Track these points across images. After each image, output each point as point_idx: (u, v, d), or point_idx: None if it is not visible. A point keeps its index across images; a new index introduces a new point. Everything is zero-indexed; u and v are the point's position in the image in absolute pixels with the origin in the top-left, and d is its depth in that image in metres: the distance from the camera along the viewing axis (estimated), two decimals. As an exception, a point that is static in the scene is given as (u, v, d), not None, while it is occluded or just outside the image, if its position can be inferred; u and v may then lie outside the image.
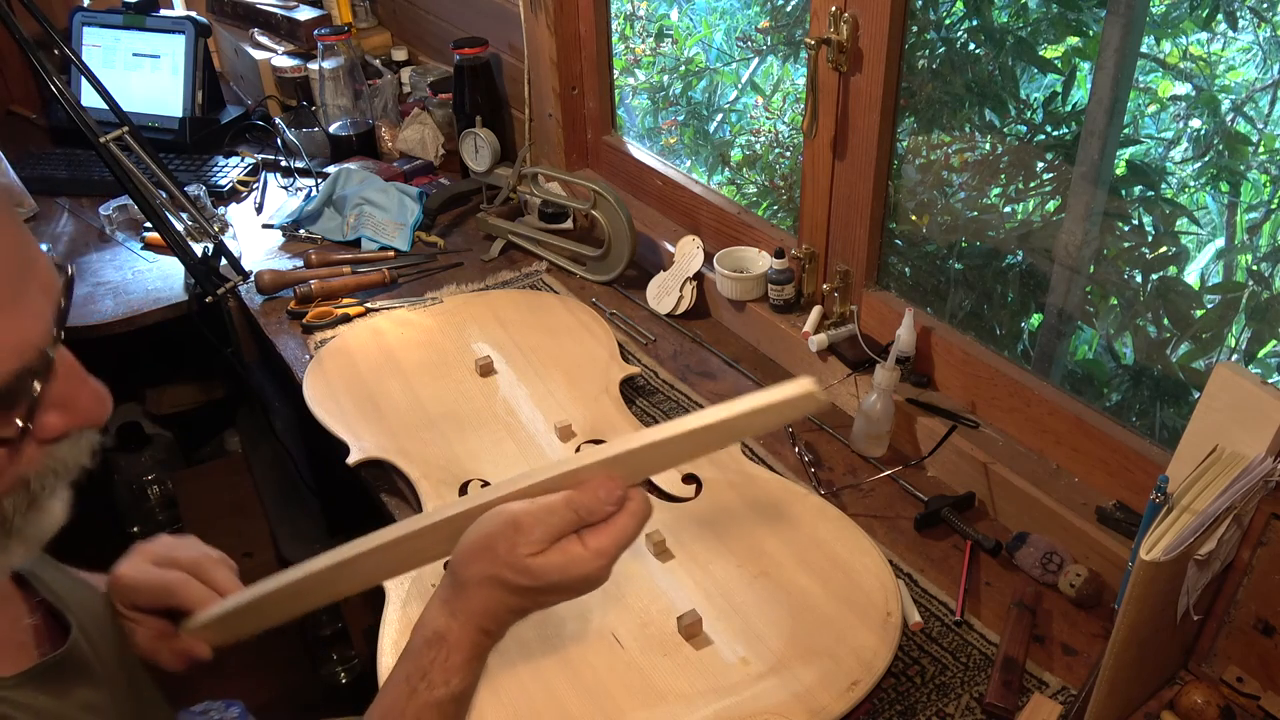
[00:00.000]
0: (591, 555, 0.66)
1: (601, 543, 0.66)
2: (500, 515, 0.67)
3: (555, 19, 1.67)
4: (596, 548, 0.66)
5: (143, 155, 1.50)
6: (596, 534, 0.67)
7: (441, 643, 0.68)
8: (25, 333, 0.57)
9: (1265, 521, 0.85)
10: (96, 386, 0.63)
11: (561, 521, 0.66)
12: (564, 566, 0.66)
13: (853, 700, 0.90)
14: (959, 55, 1.40)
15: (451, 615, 0.68)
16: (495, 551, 0.66)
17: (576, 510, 0.66)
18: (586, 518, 0.66)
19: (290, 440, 1.86)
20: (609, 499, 0.66)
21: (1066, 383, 1.31)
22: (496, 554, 0.66)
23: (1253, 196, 1.29)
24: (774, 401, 0.65)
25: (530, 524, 0.66)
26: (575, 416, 1.27)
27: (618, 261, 1.58)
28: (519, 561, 0.65)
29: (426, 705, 0.68)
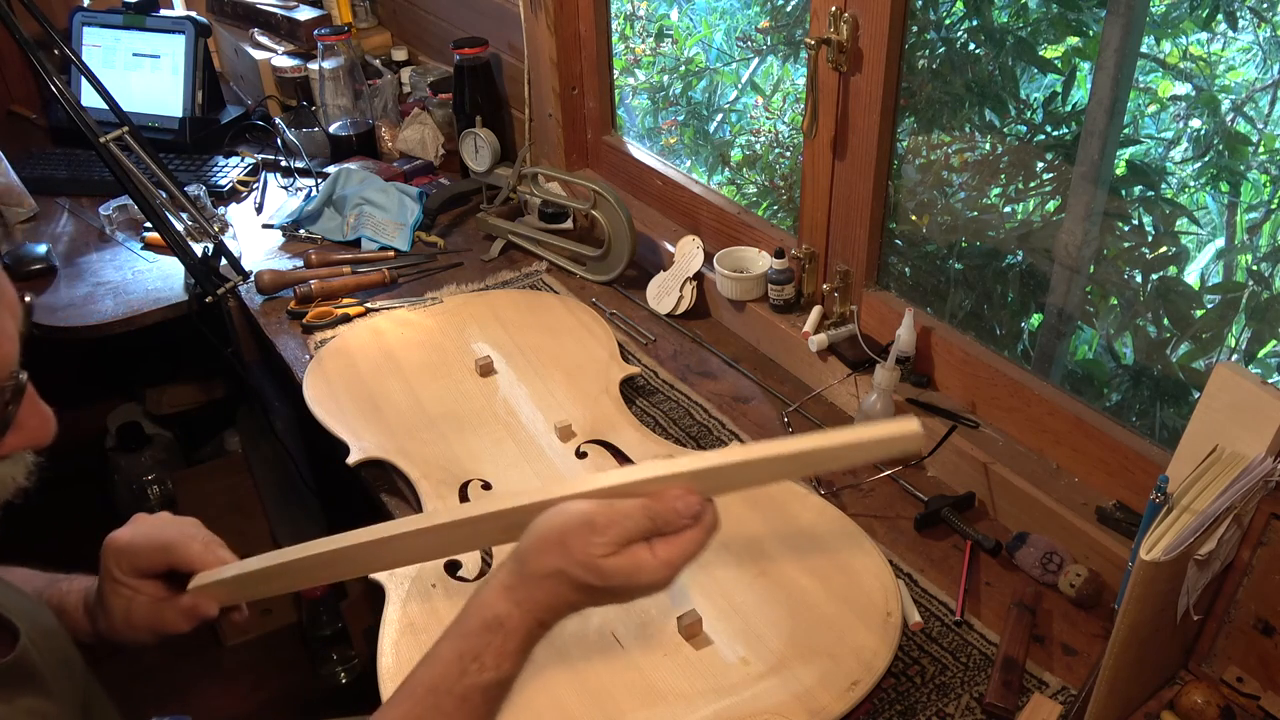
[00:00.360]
0: (659, 565, 0.67)
1: (671, 553, 0.68)
2: (575, 512, 0.68)
3: (555, 19, 1.67)
4: (665, 558, 0.67)
5: (143, 155, 1.50)
6: (667, 544, 0.68)
7: (500, 628, 0.69)
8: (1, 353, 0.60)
9: (1265, 521, 0.85)
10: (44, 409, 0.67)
11: (636, 527, 0.67)
12: (631, 572, 0.67)
13: (853, 700, 0.90)
14: (959, 55, 1.40)
15: (515, 603, 0.69)
16: (568, 546, 0.67)
17: (653, 519, 0.67)
18: (661, 527, 0.68)
19: (290, 440, 1.87)
20: (686, 512, 0.67)
21: (1066, 383, 1.31)
22: (569, 549, 0.67)
23: (1253, 196, 1.29)
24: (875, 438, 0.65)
25: (605, 524, 0.67)
26: (575, 416, 1.27)
27: (618, 261, 1.58)
28: (590, 560, 0.67)
29: (475, 687, 0.69)
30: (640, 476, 0.68)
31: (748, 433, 1.29)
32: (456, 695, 0.69)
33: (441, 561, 1.06)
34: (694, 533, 0.68)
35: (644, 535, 0.68)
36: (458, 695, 0.69)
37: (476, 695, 0.69)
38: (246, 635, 2.11)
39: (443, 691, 0.69)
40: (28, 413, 0.64)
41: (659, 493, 0.68)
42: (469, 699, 0.69)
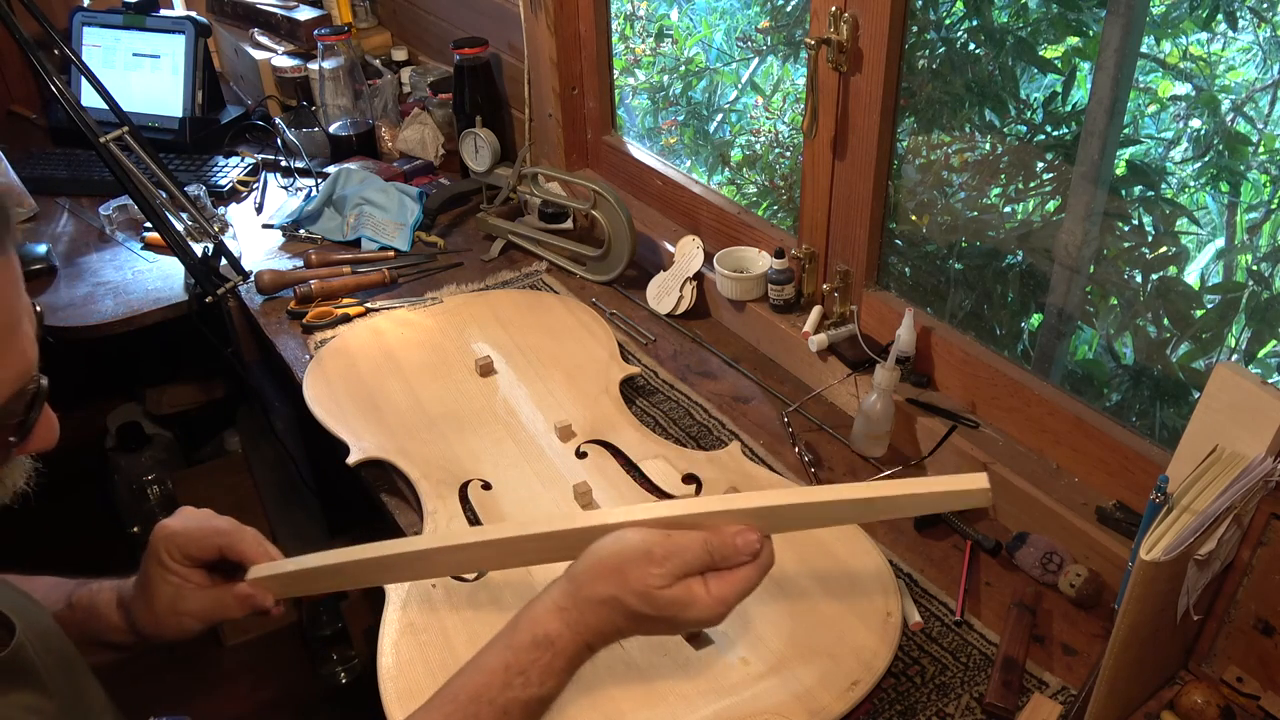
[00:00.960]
0: (713, 602, 0.68)
1: (724, 590, 0.69)
2: (635, 541, 0.69)
3: (555, 19, 1.67)
4: (719, 595, 0.68)
5: (143, 155, 1.50)
6: (720, 580, 0.69)
7: (550, 646, 0.70)
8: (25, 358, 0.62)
9: (1265, 521, 0.85)
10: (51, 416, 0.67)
11: (695, 560, 0.68)
12: (685, 604, 0.68)
13: (853, 700, 0.90)
14: (959, 55, 1.40)
15: (566, 624, 0.71)
16: (625, 575, 0.68)
17: (711, 553, 0.68)
18: (719, 563, 0.68)
19: (290, 440, 1.87)
20: (745, 550, 0.68)
21: (1066, 383, 1.31)
22: (626, 578, 0.68)
23: (1253, 196, 1.29)
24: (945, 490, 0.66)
25: (663, 556, 0.68)
26: (575, 416, 1.27)
27: (618, 261, 1.58)
28: (646, 590, 0.68)
29: (516, 701, 0.70)
30: (702, 510, 0.69)
31: (748, 433, 1.29)
32: (498, 707, 0.70)
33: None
34: (749, 570, 0.69)
35: (701, 569, 0.68)
36: (499, 707, 0.70)
37: (517, 709, 0.70)
38: (247, 635, 2.11)
39: (484, 701, 0.70)
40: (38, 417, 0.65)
41: (718, 528, 0.69)
42: (509, 712, 0.70)
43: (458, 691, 0.72)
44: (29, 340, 0.63)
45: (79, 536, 2.37)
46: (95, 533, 2.36)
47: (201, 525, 0.89)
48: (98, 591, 0.93)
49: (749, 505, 0.69)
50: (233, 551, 0.89)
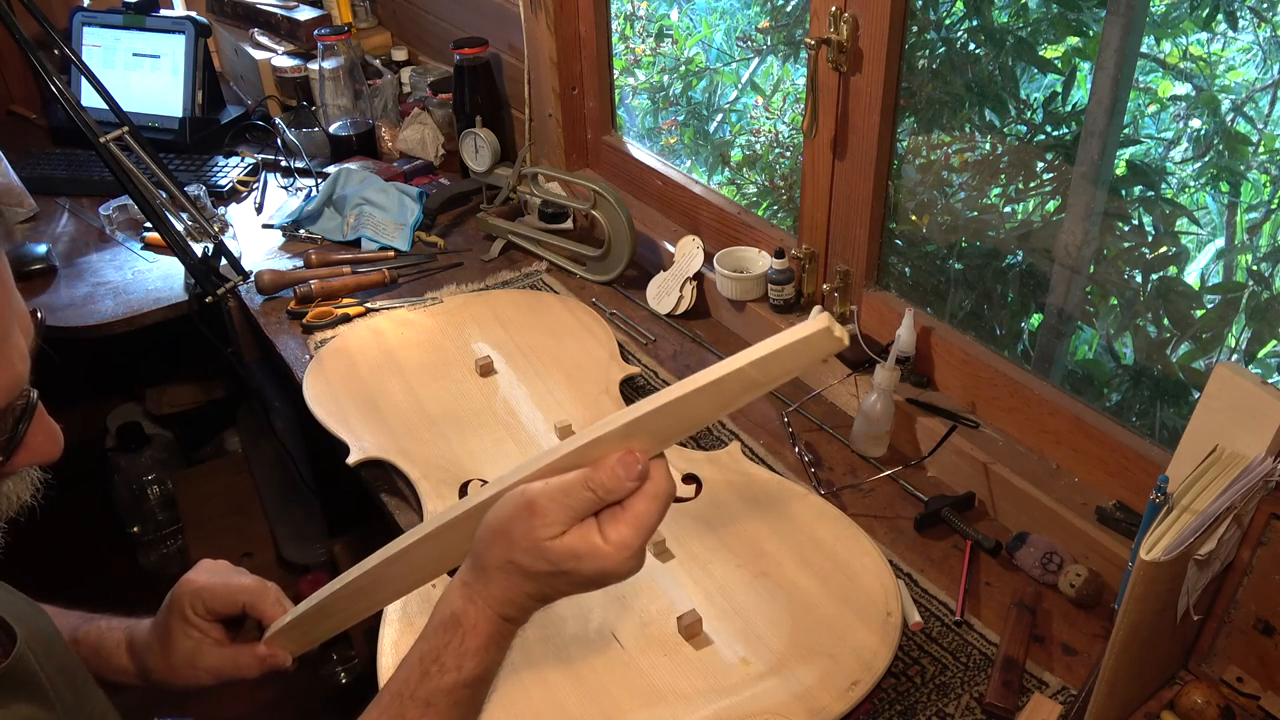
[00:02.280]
0: (615, 549, 0.62)
1: (622, 534, 0.63)
2: (517, 498, 0.64)
3: (555, 19, 1.67)
4: (618, 540, 0.62)
5: (143, 155, 1.50)
6: (615, 522, 0.63)
7: (457, 626, 0.66)
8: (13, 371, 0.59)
9: (1265, 521, 0.85)
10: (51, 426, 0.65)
11: (579, 502, 0.63)
12: (582, 555, 0.63)
13: (853, 700, 0.90)
14: (959, 55, 1.40)
15: (469, 599, 0.67)
16: (511, 535, 0.64)
17: (594, 489, 0.62)
18: (606, 497, 0.63)
19: (290, 440, 1.87)
20: (628, 475, 0.62)
21: (1066, 383, 1.31)
22: (513, 538, 0.64)
23: (1253, 196, 1.29)
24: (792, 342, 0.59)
25: (546, 505, 0.63)
26: (575, 416, 1.27)
27: (618, 261, 1.58)
28: (536, 545, 0.63)
29: (438, 690, 0.66)
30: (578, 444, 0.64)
31: (748, 433, 1.29)
32: (420, 700, 0.66)
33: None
34: (640, 503, 0.63)
35: (590, 509, 0.63)
36: (421, 700, 0.66)
37: (441, 699, 0.66)
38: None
39: (406, 697, 0.67)
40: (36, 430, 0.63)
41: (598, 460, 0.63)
42: (433, 703, 0.66)
43: (383, 692, 0.69)
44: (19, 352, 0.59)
45: (79, 536, 2.37)
46: (95, 533, 2.36)
47: (227, 582, 0.88)
48: (106, 630, 0.91)
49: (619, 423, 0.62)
50: (255, 610, 0.87)
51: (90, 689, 0.80)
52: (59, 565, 2.31)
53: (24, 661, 0.70)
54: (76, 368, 2.35)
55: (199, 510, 2.18)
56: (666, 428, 0.64)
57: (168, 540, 2.33)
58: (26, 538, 1.06)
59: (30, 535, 0.71)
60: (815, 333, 0.58)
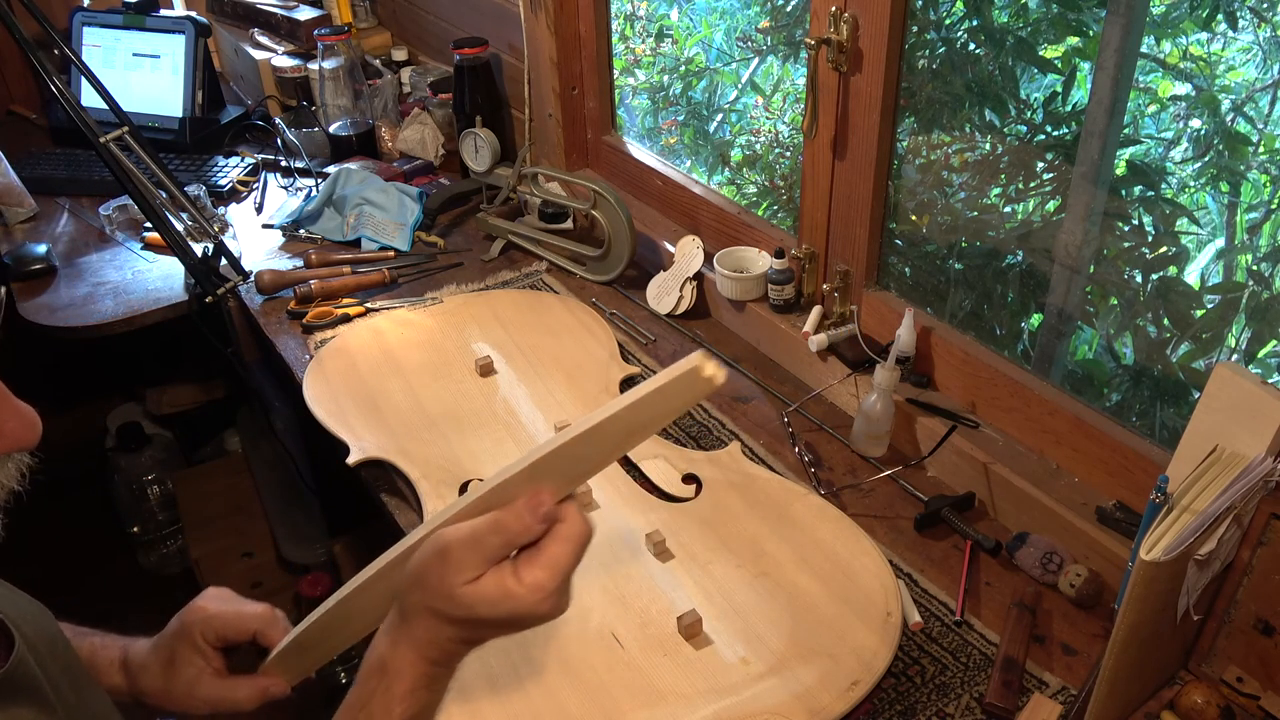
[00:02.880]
0: (527, 591, 0.61)
1: (536, 576, 0.61)
2: (432, 544, 0.64)
3: (555, 19, 1.67)
4: (531, 583, 0.61)
5: (143, 155, 1.50)
6: (530, 567, 0.62)
7: (383, 672, 0.65)
8: None
9: (1265, 521, 0.85)
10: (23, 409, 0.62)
11: (489, 547, 0.62)
12: (496, 600, 0.62)
13: (853, 700, 0.90)
14: (959, 55, 1.40)
15: (393, 644, 0.66)
16: (427, 582, 0.63)
17: (502, 533, 0.62)
18: (515, 540, 0.62)
19: (290, 440, 1.87)
20: (534, 518, 0.61)
21: (1066, 383, 1.31)
22: (428, 584, 0.63)
23: (1253, 196, 1.29)
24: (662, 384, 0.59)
25: (458, 552, 0.62)
26: (575, 416, 1.27)
27: (618, 261, 1.58)
28: (450, 592, 0.62)
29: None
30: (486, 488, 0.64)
31: (748, 433, 1.29)
32: None
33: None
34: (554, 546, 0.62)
35: (501, 553, 0.62)
36: None
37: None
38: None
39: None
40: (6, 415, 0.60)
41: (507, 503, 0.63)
42: None
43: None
44: None
45: (79, 536, 2.37)
46: (95, 533, 2.36)
47: (239, 610, 0.87)
48: (101, 648, 0.89)
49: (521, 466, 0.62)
50: (265, 637, 0.86)
51: (93, 689, 0.80)
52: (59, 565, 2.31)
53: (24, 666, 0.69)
54: (76, 368, 2.36)
55: (199, 510, 2.18)
56: (567, 470, 0.64)
57: (168, 540, 2.33)
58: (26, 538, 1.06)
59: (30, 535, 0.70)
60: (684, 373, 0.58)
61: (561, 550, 0.62)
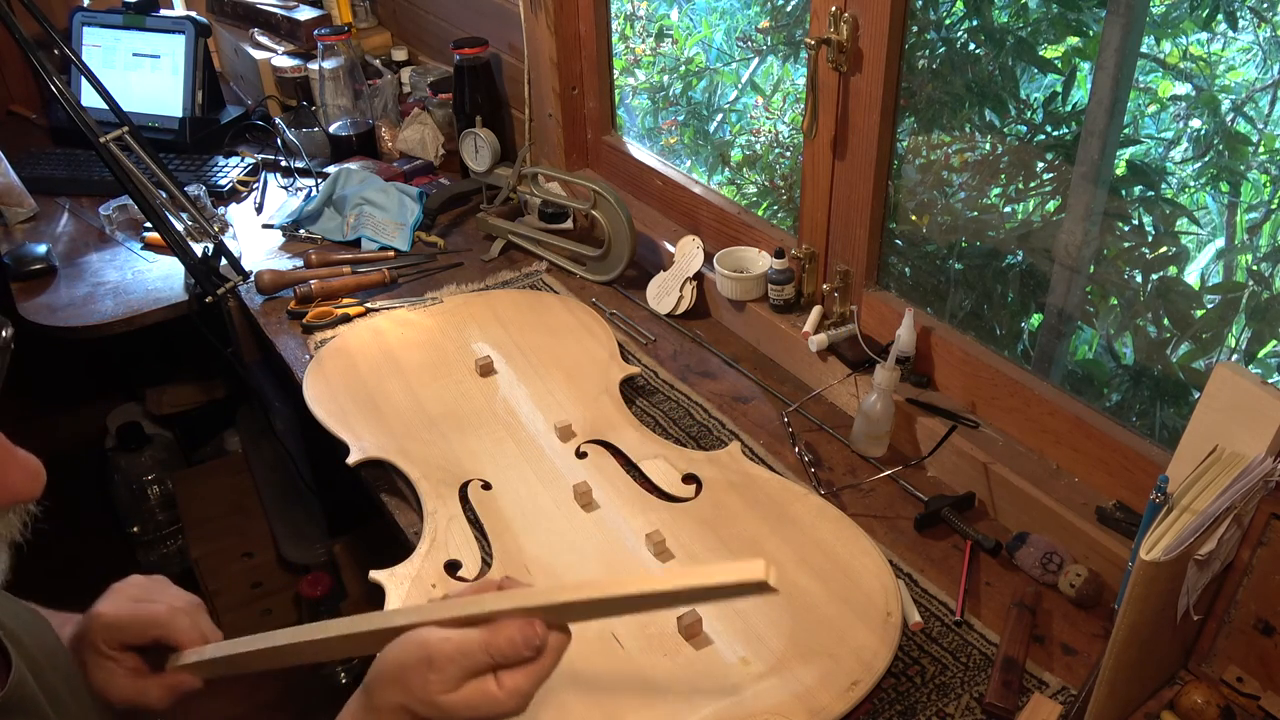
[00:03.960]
0: (506, 695, 0.65)
1: (518, 682, 0.65)
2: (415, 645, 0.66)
3: (555, 19, 1.67)
4: (512, 687, 0.65)
5: (143, 155, 1.50)
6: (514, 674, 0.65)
7: None
8: None
9: (1265, 521, 0.85)
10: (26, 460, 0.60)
11: (474, 664, 0.65)
12: (475, 706, 0.65)
13: (853, 700, 0.90)
14: (959, 55, 1.40)
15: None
16: (407, 683, 0.65)
17: (491, 654, 0.65)
18: (501, 661, 0.65)
19: (290, 440, 1.87)
20: (526, 646, 0.65)
21: (1066, 383, 1.31)
22: (408, 686, 0.65)
23: (1253, 196, 1.29)
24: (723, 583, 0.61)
25: (443, 661, 0.65)
26: (575, 416, 1.27)
27: (618, 261, 1.58)
28: (429, 697, 0.65)
29: None
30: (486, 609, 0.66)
31: (748, 433, 1.29)
32: None
33: (441, 561, 1.06)
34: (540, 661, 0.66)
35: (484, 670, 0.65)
36: None
37: None
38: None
39: None
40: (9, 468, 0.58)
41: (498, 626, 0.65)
42: None
43: None
44: None
45: (79, 536, 2.37)
46: (95, 533, 2.36)
47: (135, 613, 0.84)
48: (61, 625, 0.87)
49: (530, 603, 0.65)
50: (167, 640, 0.84)
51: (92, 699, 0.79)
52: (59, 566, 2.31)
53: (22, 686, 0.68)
54: (76, 368, 2.36)
55: (199, 510, 2.18)
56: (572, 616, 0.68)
57: (168, 540, 2.33)
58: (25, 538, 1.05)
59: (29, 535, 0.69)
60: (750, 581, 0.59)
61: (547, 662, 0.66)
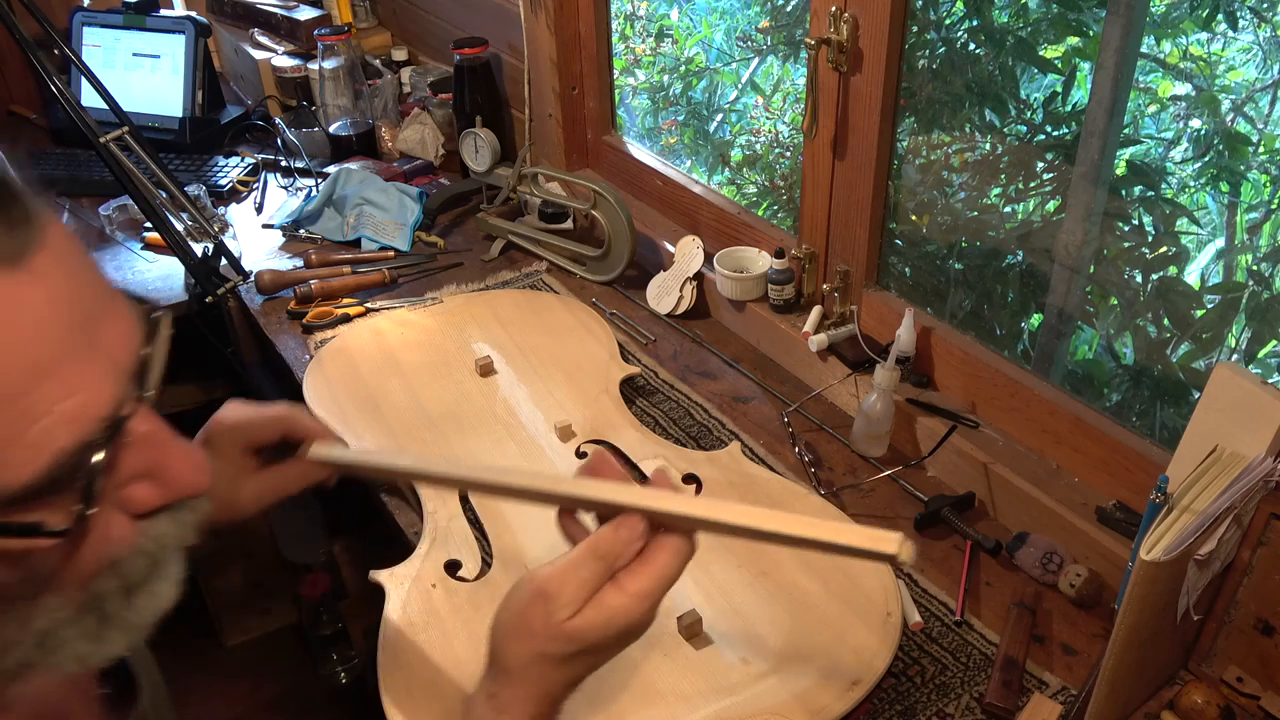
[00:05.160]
0: (633, 600, 0.61)
1: (642, 584, 0.61)
2: (523, 588, 0.63)
3: (555, 19, 1.67)
4: (635, 590, 0.61)
5: (143, 155, 1.50)
6: (633, 576, 0.61)
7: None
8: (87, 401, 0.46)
9: (1265, 521, 0.85)
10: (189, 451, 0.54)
11: (590, 574, 0.61)
12: (607, 621, 0.61)
13: (853, 700, 0.90)
14: (959, 55, 1.40)
15: (499, 710, 0.64)
16: (531, 628, 0.62)
17: (601, 556, 0.61)
18: (614, 562, 0.62)
19: (290, 440, 1.86)
20: (630, 536, 0.61)
21: (1066, 383, 1.31)
22: (533, 630, 0.62)
23: (1253, 196, 1.29)
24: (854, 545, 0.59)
25: (556, 585, 0.61)
26: (575, 416, 1.27)
27: (618, 261, 1.58)
28: (558, 629, 0.61)
29: None
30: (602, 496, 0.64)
31: (748, 433, 1.29)
32: None
33: (441, 561, 1.06)
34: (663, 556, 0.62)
35: (603, 578, 0.62)
36: None
37: None
38: (247, 635, 2.11)
39: None
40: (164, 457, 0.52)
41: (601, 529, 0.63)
42: None
43: None
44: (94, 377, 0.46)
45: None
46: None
47: (260, 412, 0.89)
48: None
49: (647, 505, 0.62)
50: (297, 431, 0.89)
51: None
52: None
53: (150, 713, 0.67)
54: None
55: (199, 510, 2.17)
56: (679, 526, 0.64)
57: (168, 540, 2.33)
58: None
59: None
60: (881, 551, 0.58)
61: (669, 561, 0.62)
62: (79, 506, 0.47)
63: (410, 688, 0.92)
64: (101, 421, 0.47)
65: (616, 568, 0.62)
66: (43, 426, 0.44)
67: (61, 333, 0.45)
